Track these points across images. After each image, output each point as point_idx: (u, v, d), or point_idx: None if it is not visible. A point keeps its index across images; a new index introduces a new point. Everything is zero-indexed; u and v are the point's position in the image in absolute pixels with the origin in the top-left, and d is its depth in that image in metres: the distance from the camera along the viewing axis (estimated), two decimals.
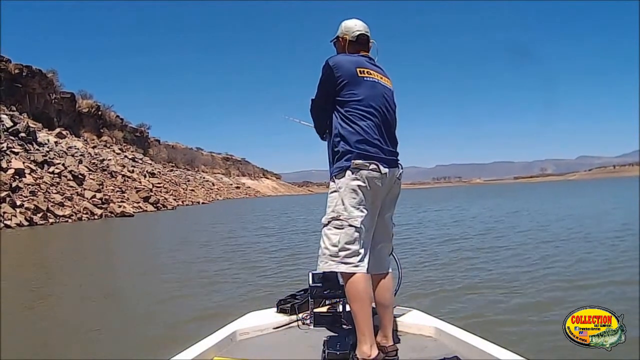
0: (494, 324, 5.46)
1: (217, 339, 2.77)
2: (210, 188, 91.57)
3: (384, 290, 2.72)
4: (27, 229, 24.47)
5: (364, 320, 2.48)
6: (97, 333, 6.01)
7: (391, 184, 2.71)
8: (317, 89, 2.79)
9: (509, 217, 21.77)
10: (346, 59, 2.76)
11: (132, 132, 78.42)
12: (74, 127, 57.47)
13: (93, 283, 9.59)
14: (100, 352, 5.31)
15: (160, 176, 65.68)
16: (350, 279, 2.52)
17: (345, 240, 2.51)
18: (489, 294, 7.03)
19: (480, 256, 10.58)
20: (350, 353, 2.52)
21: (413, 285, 7.49)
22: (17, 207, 26.19)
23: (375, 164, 2.57)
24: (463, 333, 2.77)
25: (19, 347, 5.47)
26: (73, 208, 30.84)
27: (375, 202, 2.66)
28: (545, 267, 8.87)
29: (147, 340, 5.58)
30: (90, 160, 46.79)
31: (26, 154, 34.17)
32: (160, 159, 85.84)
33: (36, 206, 27.15)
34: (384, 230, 2.79)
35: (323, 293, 3.21)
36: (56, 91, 57.34)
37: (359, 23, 2.92)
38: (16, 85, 47.93)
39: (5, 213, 24.87)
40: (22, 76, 49.71)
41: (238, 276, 9.41)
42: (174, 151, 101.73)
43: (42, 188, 30.64)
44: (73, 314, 7.06)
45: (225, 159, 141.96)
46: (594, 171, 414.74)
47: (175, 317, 6.47)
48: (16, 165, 30.70)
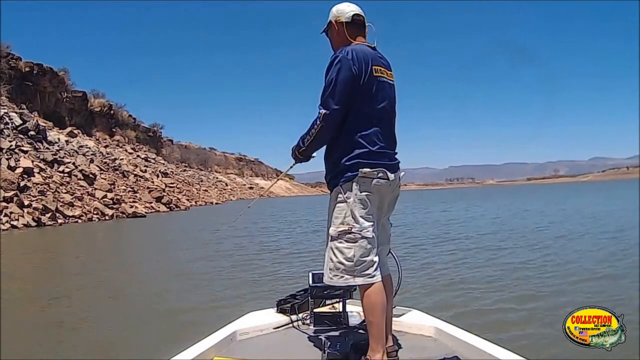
0: (494, 324, 5.55)
1: (217, 339, 2.78)
2: (223, 188, 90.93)
3: (385, 292, 2.62)
4: (35, 229, 23.51)
5: (379, 329, 2.47)
6: (97, 332, 6.07)
7: (394, 187, 2.66)
8: (337, 93, 2.47)
9: (516, 218, 22.25)
10: (363, 53, 2.54)
11: (144, 132, 77.47)
12: (86, 126, 56.61)
13: (94, 284, 9.55)
14: (100, 352, 5.32)
15: (173, 176, 64.80)
16: (368, 291, 2.50)
17: (360, 253, 2.48)
18: (489, 293, 7.14)
19: (485, 255, 10.80)
20: (351, 353, 2.54)
21: (413, 285, 7.61)
22: (25, 207, 25.16)
23: (384, 172, 2.53)
24: (463, 333, 2.79)
25: (20, 347, 5.44)
26: (83, 208, 29.78)
27: (382, 208, 2.64)
28: (545, 267, 9.08)
29: (147, 340, 5.60)
30: (101, 159, 45.82)
31: (36, 153, 33.07)
32: (173, 158, 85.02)
33: (45, 206, 26.12)
34: (383, 233, 2.74)
35: (323, 293, 3.24)
36: (67, 90, 56.34)
37: (352, 4, 2.72)
38: (26, 84, 47.19)
39: (12, 213, 23.85)
40: (32, 74, 48.78)
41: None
42: (187, 151, 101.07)
43: (51, 187, 29.54)
44: (73, 315, 7.04)
45: (238, 159, 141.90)
46: (607, 172, 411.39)
47: (175, 318, 6.51)
48: (25, 164, 29.55)
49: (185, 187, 62.28)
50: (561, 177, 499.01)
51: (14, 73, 44.61)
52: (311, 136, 2.59)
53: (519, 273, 8.63)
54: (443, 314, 4.82)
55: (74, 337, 6.01)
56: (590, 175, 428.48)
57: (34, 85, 48.71)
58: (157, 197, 42.20)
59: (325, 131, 2.53)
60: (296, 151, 2.74)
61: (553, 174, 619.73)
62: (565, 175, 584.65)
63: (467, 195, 76.30)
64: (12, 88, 42.26)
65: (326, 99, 2.50)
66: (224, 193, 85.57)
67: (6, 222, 23.07)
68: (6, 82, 40.79)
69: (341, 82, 2.47)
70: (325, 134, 2.54)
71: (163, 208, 40.98)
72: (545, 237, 13.61)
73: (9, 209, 24.04)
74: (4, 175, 26.34)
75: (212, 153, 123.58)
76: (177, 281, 9.28)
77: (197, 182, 77.10)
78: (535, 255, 10.44)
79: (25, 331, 6.19)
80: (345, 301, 3.23)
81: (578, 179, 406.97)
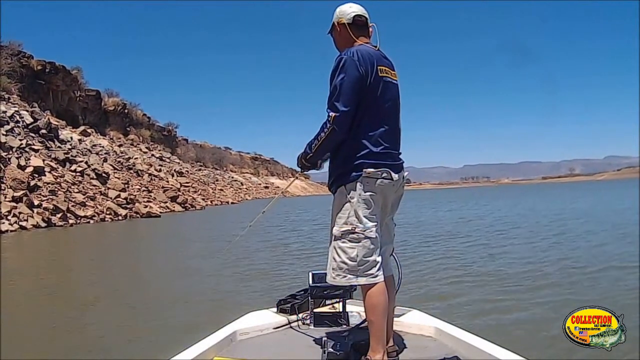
0: (494, 324, 5.57)
1: (217, 339, 2.77)
2: (238, 188, 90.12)
3: (387, 292, 2.61)
4: (44, 230, 22.50)
5: (380, 329, 2.48)
6: (97, 333, 6.06)
7: (398, 187, 2.65)
8: (345, 94, 2.44)
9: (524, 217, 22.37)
10: (368, 54, 2.53)
11: (159, 131, 76.68)
12: (100, 126, 55.87)
13: (97, 283, 9.56)
14: (101, 351, 5.29)
15: (189, 175, 63.71)
16: (370, 290, 2.50)
17: (363, 253, 2.49)
18: (489, 293, 7.16)
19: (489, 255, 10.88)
20: (351, 353, 2.54)
21: (413, 285, 7.56)
22: (35, 207, 24.06)
23: (387, 172, 2.52)
24: (463, 333, 2.79)
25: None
26: (96, 208, 28.65)
27: (385, 208, 2.64)
28: (549, 267, 9.08)
29: (146, 339, 5.56)
30: (115, 158, 44.83)
31: (47, 152, 31.98)
32: (188, 158, 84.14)
33: (55, 206, 25.03)
34: (387, 233, 2.72)
35: (323, 293, 3.23)
36: (81, 89, 55.54)
37: (354, 5, 2.72)
38: (39, 82, 46.43)
39: (21, 213, 22.71)
40: (44, 73, 48.00)
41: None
42: (202, 150, 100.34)
43: (62, 187, 28.39)
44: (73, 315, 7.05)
45: (253, 158, 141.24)
46: (622, 171, 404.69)
47: (177, 317, 6.55)
48: (35, 162, 28.39)
49: (200, 187, 61.21)
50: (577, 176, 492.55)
51: (26, 71, 43.75)
52: (319, 140, 2.52)
53: (518, 273, 8.66)
54: (439, 311, 4.92)
55: (72, 337, 5.92)
56: (606, 174, 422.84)
57: (47, 84, 48.01)
58: (172, 196, 41.07)
59: (335, 134, 2.48)
60: (302, 159, 2.68)
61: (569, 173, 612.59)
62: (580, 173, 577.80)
63: (478, 194, 76.53)
64: (24, 86, 41.56)
65: (334, 101, 2.46)
66: (240, 192, 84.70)
67: (14, 222, 21.95)
68: (17, 81, 39.95)
69: (349, 83, 2.44)
70: (335, 137, 2.48)
71: (178, 208, 39.88)
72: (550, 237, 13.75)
73: (18, 209, 22.92)
74: (13, 174, 25.22)
75: (227, 152, 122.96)
76: (177, 281, 9.32)
77: (212, 182, 76.16)
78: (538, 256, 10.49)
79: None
80: (345, 301, 3.24)
81: (594, 177, 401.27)
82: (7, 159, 26.74)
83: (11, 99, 36.25)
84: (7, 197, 23.25)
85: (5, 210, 22.29)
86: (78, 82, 54.81)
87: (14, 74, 39.71)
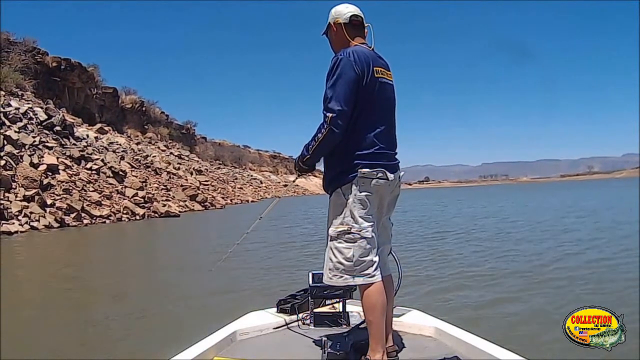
0: (494, 324, 5.50)
1: (217, 339, 2.77)
2: (258, 186, 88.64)
3: (385, 292, 2.61)
4: (57, 231, 21.14)
5: (379, 328, 2.46)
6: (98, 332, 6.05)
7: (394, 187, 2.64)
8: (342, 94, 2.42)
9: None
10: (364, 55, 2.53)
11: (177, 129, 75.34)
12: (117, 123, 54.58)
13: (98, 283, 9.67)
14: (101, 352, 5.30)
15: (208, 174, 62.22)
16: (367, 290, 2.50)
17: (360, 253, 2.47)
18: (490, 293, 7.15)
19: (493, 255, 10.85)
20: (351, 353, 2.52)
21: (413, 284, 7.56)
22: (48, 207, 22.72)
23: (383, 172, 2.51)
24: (463, 333, 2.78)
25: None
26: (112, 207, 27.18)
27: (381, 208, 2.64)
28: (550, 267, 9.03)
29: (146, 340, 5.56)
30: (133, 156, 43.47)
31: (61, 149, 30.64)
32: (207, 156, 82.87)
33: (69, 205, 23.64)
34: (384, 232, 2.73)
35: (323, 293, 3.24)
36: (97, 86, 54.19)
37: (350, 5, 2.71)
38: (54, 79, 45.22)
39: (32, 213, 21.35)
40: (60, 69, 46.69)
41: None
42: (221, 149, 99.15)
43: (77, 186, 26.96)
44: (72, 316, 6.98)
45: (272, 156, 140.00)
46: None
47: (175, 317, 6.54)
48: (49, 160, 27.03)
49: (220, 185, 59.72)
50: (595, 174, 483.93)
51: (40, 68, 42.49)
52: (317, 142, 2.49)
53: (519, 272, 8.64)
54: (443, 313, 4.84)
55: (72, 337, 5.90)
56: (624, 172, 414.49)
57: (62, 81, 46.74)
58: (192, 195, 39.51)
59: (333, 135, 2.44)
60: (300, 161, 2.67)
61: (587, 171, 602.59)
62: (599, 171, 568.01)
63: (503, 192, 74.93)
64: (38, 83, 40.24)
65: (331, 102, 2.43)
66: (259, 191, 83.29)
67: (25, 223, 20.57)
68: (32, 77, 38.72)
69: (345, 83, 2.42)
70: (333, 138, 2.46)
71: (198, 207, 38.32)
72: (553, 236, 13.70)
73: (29, 208, 21.55)
74: (25, 172, 23.86)
75: (246, 150, 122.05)
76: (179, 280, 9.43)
77: (231, 180, 74.92)
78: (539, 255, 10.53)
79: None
80: (345, 301, 3.24)
81: (613, 175, 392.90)
82: (19, 156, 25.37)
83: (25, 96, 35.01)
84: (18, 196, 21.90)
85: (16, 210, 20.93)
86: (94, 79, 53.47)
87: (28, 71, 38.42)
